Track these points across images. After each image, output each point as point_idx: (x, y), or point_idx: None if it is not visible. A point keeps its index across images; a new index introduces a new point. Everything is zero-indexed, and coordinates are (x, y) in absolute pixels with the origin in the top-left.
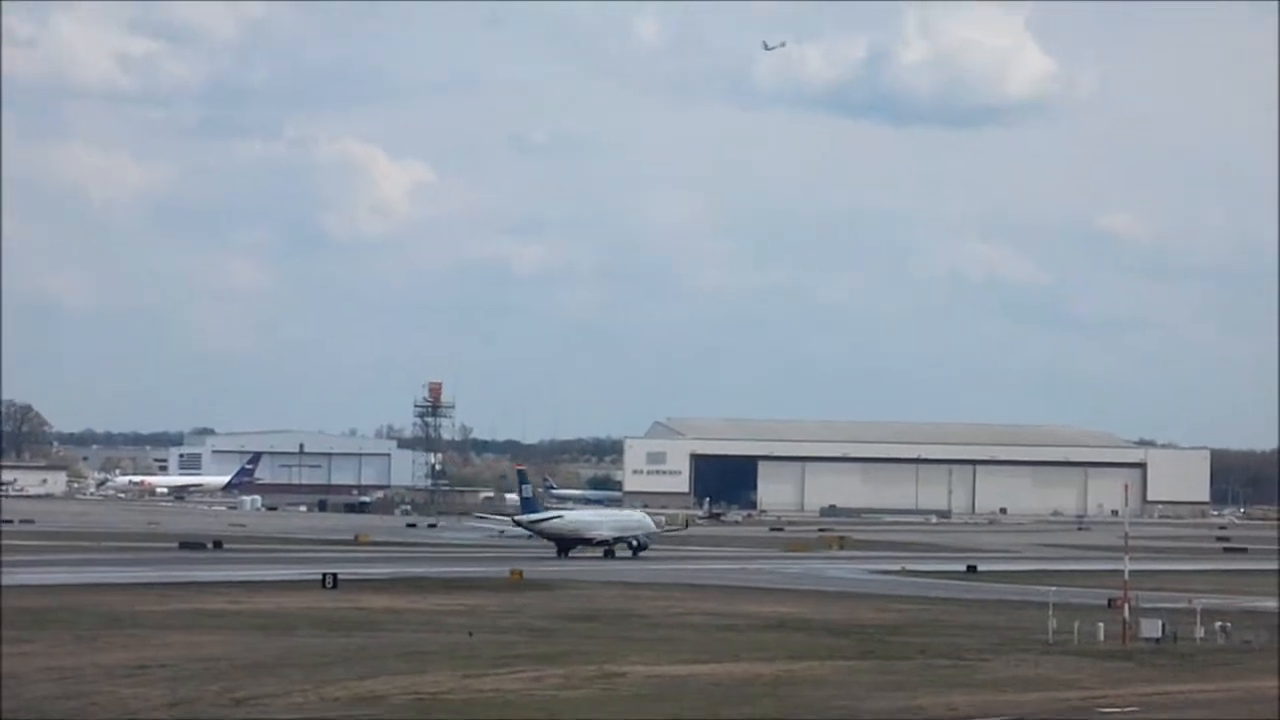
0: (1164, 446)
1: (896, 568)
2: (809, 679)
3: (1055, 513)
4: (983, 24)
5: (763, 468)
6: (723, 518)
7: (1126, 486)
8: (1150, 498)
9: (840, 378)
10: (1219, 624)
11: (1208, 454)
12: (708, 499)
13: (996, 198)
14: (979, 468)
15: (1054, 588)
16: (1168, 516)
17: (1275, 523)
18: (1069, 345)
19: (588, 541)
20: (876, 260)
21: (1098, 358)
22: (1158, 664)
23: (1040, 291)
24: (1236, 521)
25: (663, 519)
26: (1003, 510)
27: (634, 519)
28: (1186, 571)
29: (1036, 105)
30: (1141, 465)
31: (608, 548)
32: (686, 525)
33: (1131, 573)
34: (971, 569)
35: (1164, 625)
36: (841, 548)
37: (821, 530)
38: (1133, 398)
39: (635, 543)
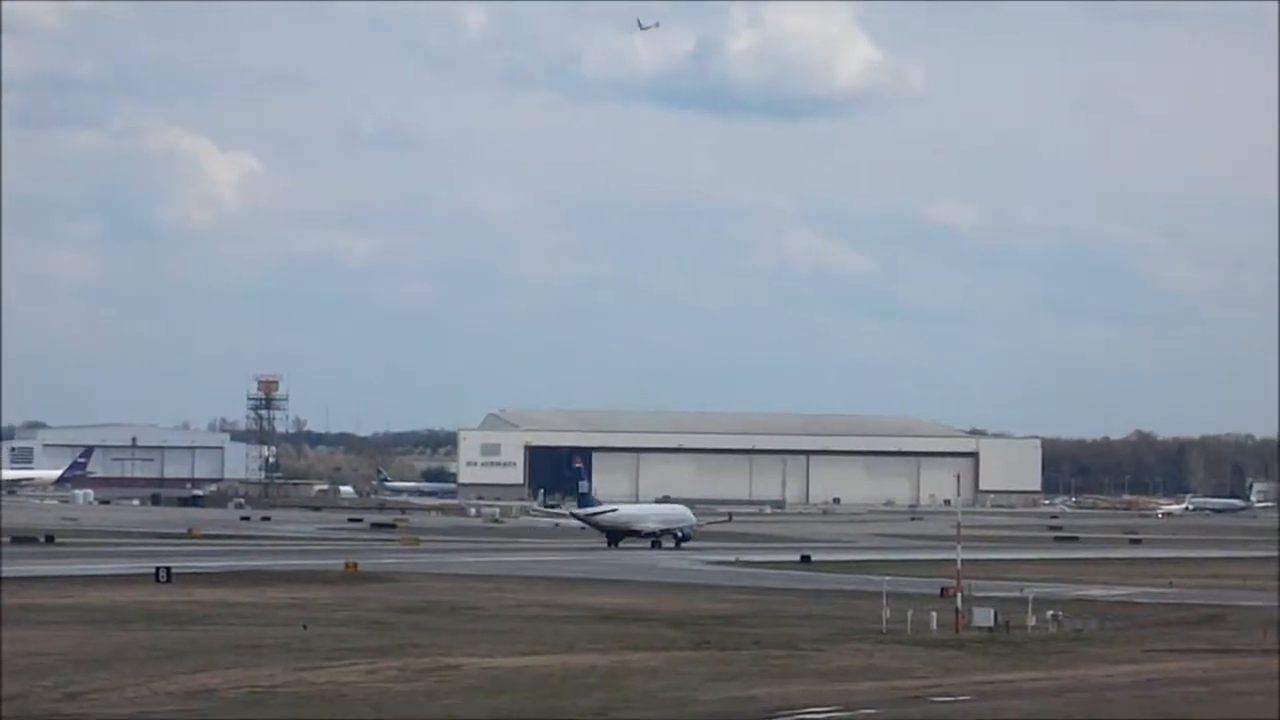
0: (996, 436)
1: (731, 558)
2: (643, 670)
3: (888, 502)
4: (811, 17)
5: (597, 459)
6: (557, 509)
7: (959, 476)
8: (982, 487)
9: (674, 369)
10: (1050, 612)
11: (1039, 443)
12: (542, 491)
13: (825, 189)
14: (812, 458)
15: (887, 577)
16: (1000, 505)
17: (1106, 510)
18: (900, 336)
19: (637, 533)
20: (707, 251)
21: (929, 348)
22: (990, 652)
23: (870, 282)
24: (1067, 510)
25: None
26: (836, 500)
27: (678, 513)
28: (1018, 560)
29: (864, 97)
30: (974, 455)
31: (655, 539)
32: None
33: (964, 562)
34: (805, 559)
35: (996, 614)
36: None
37: None
38: (964, 388)
39: (680, 534)
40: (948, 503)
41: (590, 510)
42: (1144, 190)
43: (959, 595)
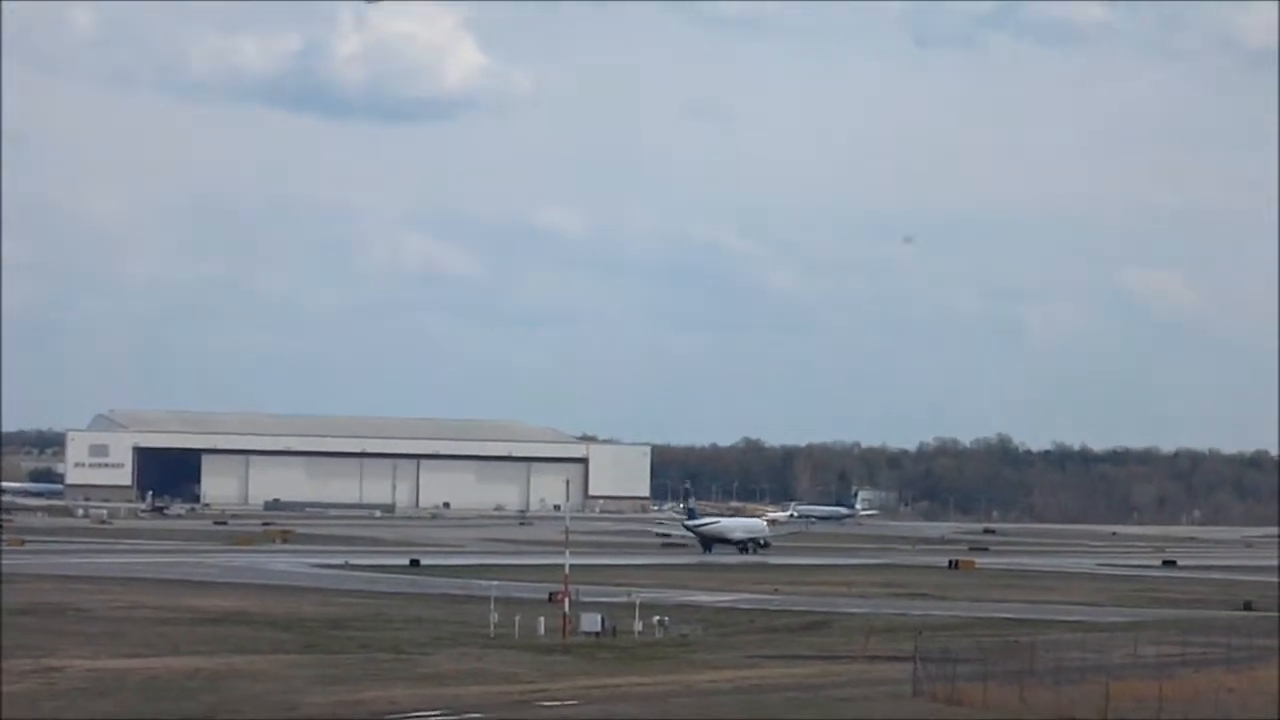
0: (606, 442)
1: (340, 562)
2: (249, 673)
3: (498, 507)
4: (418, 20)
5: (206, 461)
6: (166, 511)
7: (568, 481)
8: (592, 493)
9: (285, 371)
10: (657, 618)
11: (648, 450)
12: (150, 492)
13: (435, 192)
14: (423, 462)
15: (496, 582)
16: (609, 511)
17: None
18: (511, 340)
19: (728, 541)
20: (316, 254)
21: (540, 353)
22: (597, 657)
23: (482, 286)
24: (677, 517)
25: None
26: (446, 505)
27: (758, 525)
28: (626, 566)
29: (472, 101)
30: (583, 461)
31: (742, 545)
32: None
33: (572, 567)
34: (414, 563)
35: (604, 619)
36: (285, 541)
37: (265, 524)
38: (575, 393)
39: (762, 542)
40: (557, 508)
41: (695, 522)
42: (752, 198)
43: (567, 600)
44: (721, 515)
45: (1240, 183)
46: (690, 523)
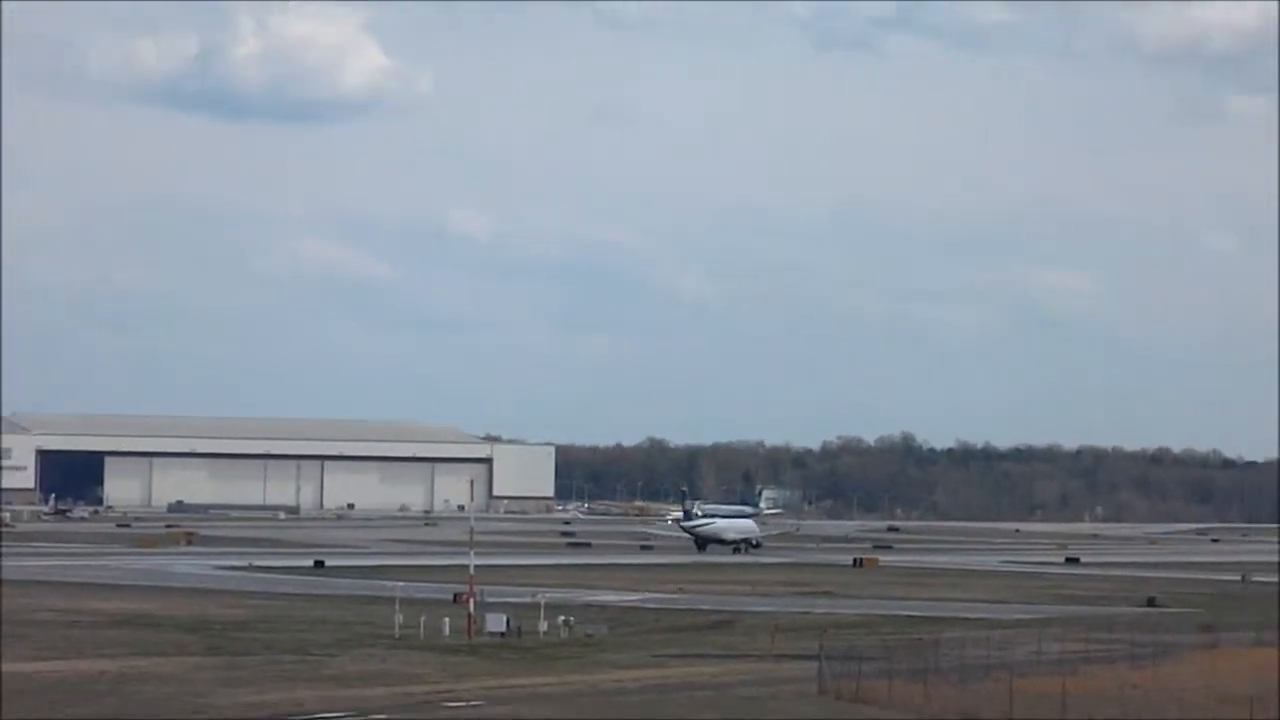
0: (510, 442)
1: (244, 564)
2: (154, 675)
3: (403, 508)
4: (317, 21)
5: (110, 463)
6: (69, 514)
7: (472, 482)
8: (497, 493)
9: (188, 373)
10: (562, 618)
11: (553, 450)
12: (53, 495)
13: (337, 194)
14: (327, 464)
15: (401, 583)
16: (514, 511)
17: (619, 517)
18: (414, 341)
19: (723, 542)
20: (217, 256)
21: (444, 354)
22: (502, 657)
23: (385, 288)
24: (581, 516)
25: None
26: (350, 506)
27: (750, 526)
28: (531, 566)
29: (374, 102)
30: (488, 461)
31: (735, 546)
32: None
33: (477, 567)
34: (319, 564)
35: (509, 619)
36: (189, 543)
37: (169, 526)
38: (480, 394)
39: (754, 542)
40: (462, 508)
41: (690, 524)
42: (654, 199)
43: (472, 601)
44: (714, 516)
45: (1140, 184)
46: (687, 524)
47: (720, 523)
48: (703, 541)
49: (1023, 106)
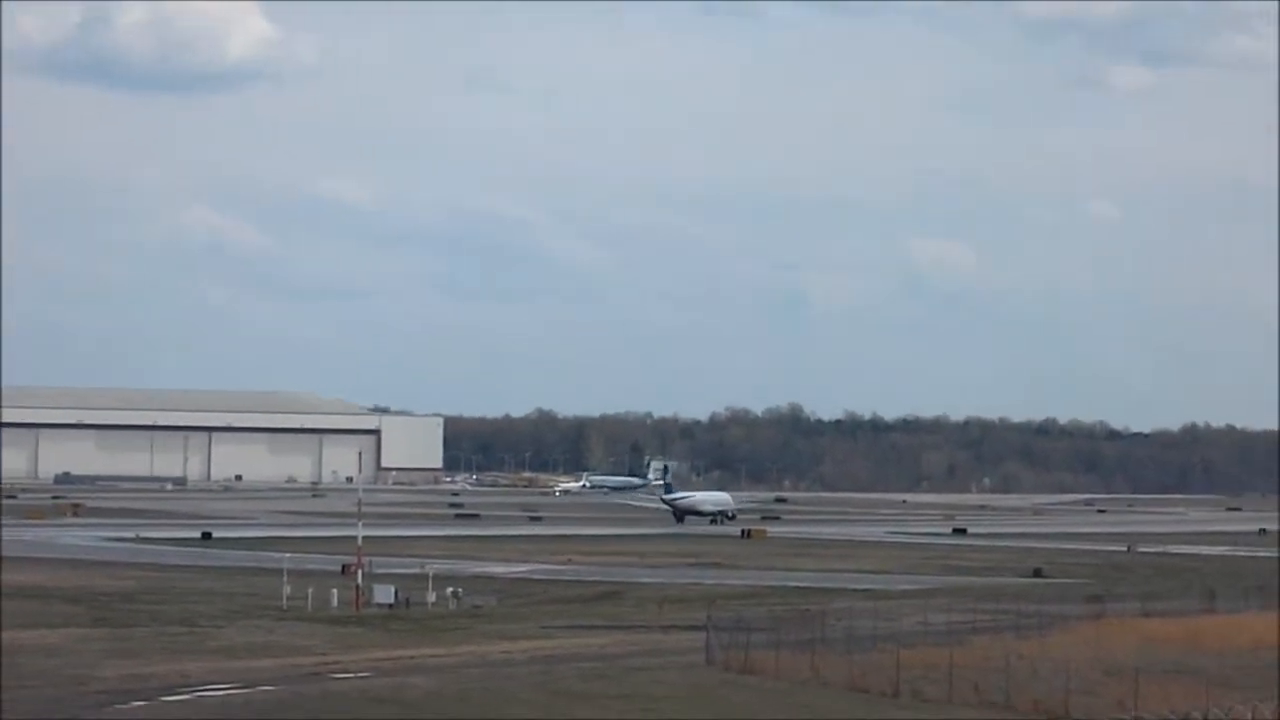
0: (398, 414)
1: (131, 535)
2: (41, 647)
3: (291, 479)
4: None
5: None
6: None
7: (360, 453)
8: (385, 464)
9: (74, 344)
10: (451, 589)
11: (441, 421)
12: None
13: (220, 163)
14: (215, 435)
15: (289, 555)
16: (402, 483)
17: (507, 488)
18: (301, 313)
19: (700, 514)
20: (101, 226)
21: (331, 325)
22: (390, 629)
23: (270, 258)
24: (469, 488)
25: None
26: (238, 477)
27: (724, 498)
28: (420, 537)
29: (257, 72)
30: (376, 432)
31: (712, 518)
32: None
33: (365, 539)
34: (207, 536)
35: (397, 591)
36: (76, 515)
37: (56, 498)
38: (367, 365)
39: (730, 514)
40: (350, 480)
41: (670, 497)
42: (537, 168)
43: (360, 572)
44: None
45: (1023, 153)
46: (668, 497)
47: (697, 496)
48: (680, 514)
49: (905, 76)
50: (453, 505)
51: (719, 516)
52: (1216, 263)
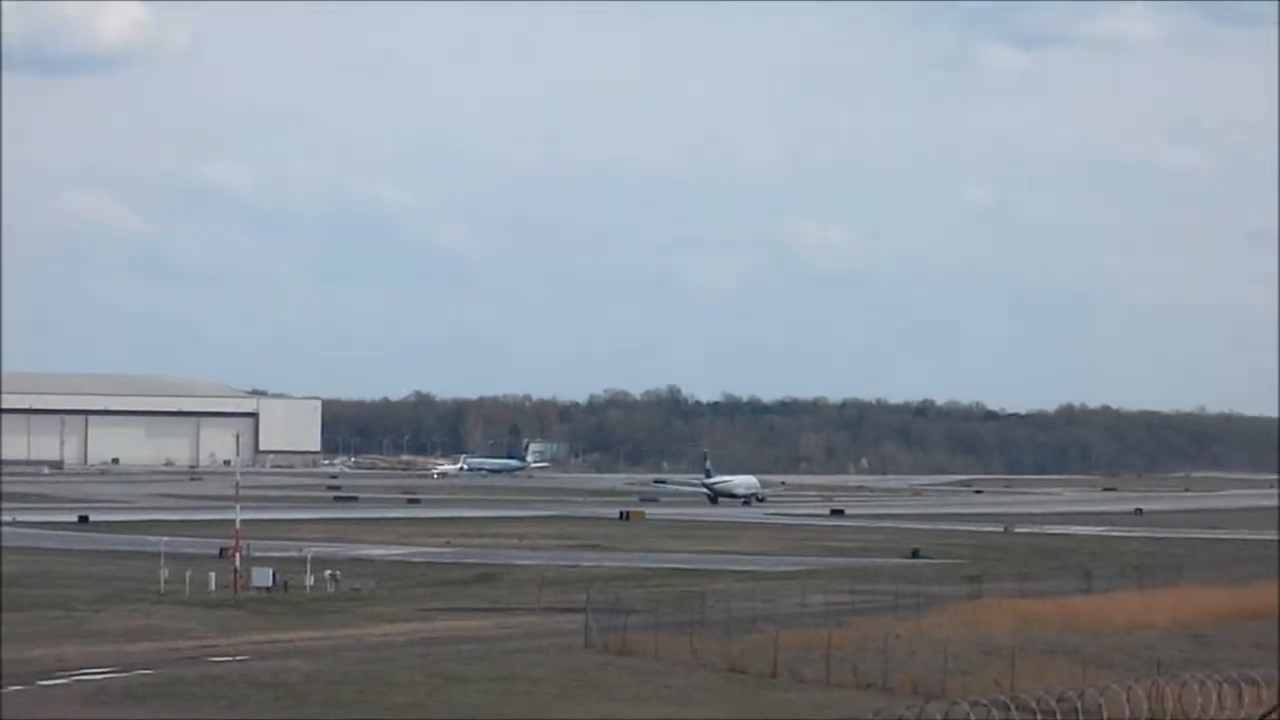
0: (276, 397)
1: (7, 519)
2: None
3: (168, 463)
4: None
5: None
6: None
7: (238, 436)
8: (263, 447)
9: None
10: (329, 572)
11: (319, 404)
12: None
13: (98, 147)
14: (91, 418)
15: (166, 538)
16: (280, 466)
17: (385, 470)
18: (177, 296)
19: (734, 496)
20: None
21: (208, 308)
22: (269, 612)
23: (146, 242)
24: (348, 470)
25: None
26: (115, 461)
27: (753, 482)
28: (298, 520)
29: (131, 55)
30: (254, 415)
31: (745, 500)
32: None
33: (243, 522)
34: (83, 520)
35: (275, 574)
36: None
37: None
38: (245, 348)
39: (760, 496)
40: (227, 463)
41: (709, 481)
42: (414, 150)
43: (238, 555)
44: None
45: (898, 134)
46: (707, 480)
47: (733, 479)
48: (715, 496)
49: (781, 56)
50: (331, 488)
51: (750, 499)
52: (1089, 245)
